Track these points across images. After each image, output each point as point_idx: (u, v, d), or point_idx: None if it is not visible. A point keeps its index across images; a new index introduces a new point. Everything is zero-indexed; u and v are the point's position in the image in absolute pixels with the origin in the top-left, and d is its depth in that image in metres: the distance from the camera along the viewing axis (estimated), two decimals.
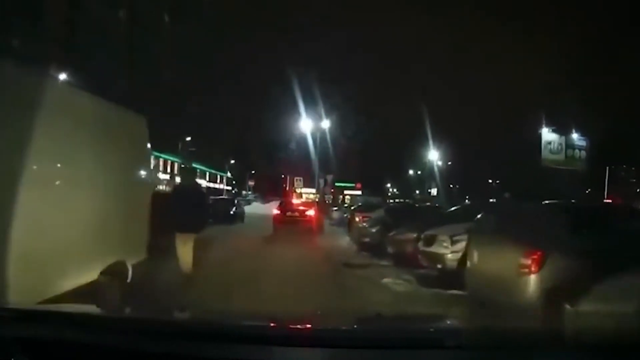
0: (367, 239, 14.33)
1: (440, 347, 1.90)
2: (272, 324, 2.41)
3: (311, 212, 20.97)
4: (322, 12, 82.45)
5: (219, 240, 15.41)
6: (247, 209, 42.49)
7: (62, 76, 33.74)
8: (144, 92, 50.34)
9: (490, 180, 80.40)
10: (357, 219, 18.97)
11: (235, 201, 31.31)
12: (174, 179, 68.36)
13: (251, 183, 65.75)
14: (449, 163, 71.18)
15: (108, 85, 43.31)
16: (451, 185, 76.58)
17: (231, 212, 27.03)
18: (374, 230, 14.02)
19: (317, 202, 32.45)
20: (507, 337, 2.11)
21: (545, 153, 55.26)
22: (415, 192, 79.69)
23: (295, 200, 25.79)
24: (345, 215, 26.13)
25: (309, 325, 2.37)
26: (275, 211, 21.48)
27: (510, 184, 61.82)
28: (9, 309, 2.45)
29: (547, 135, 55.62)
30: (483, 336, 2.08)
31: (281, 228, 20.00)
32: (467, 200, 48.64)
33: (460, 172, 70.84)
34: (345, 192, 63.83)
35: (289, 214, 20.85)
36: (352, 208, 26.82)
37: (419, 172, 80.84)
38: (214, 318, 2.65)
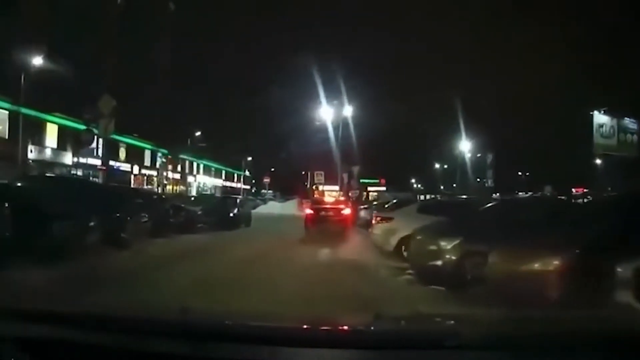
0: (437, 262, 8.08)
1: (440, 347, 1.85)
2: (270, 324, 2.26)
3: (347, 211, 19.46)
4: None
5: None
6: (262, 208, 38.41)
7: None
8: (152, 84, 46.29)
9: (519, 173, 77.21)
10: None
11: (238, 200, 25.17)
12: (185, 178, 64.16)
13: (267, 180, 60.20)
14: (479, 155, 67.21)
15: (113, 76, 40.11)
16: (479, 179, 74.02)
17: (231, 215, 21.23)
18: (448, 245, 7.93)
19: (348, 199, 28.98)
20: (507, 337, 2.00)
21: (596, 137, 50.02)
22: (440, 187, 76.95)
23: (327, 198, 24.47)
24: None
25: (307, 326, 2.24)
26: (308, 211, 19.82)
27: (545, 175, 59.27)
28: (9, 309, 2.32)
29: (599, 117, 50.38)
30: (483, 336, 1.97)
31: (314, 230, 18.16)
32: (496, 195, 43.42)
33: (491, 164, 67.13)
34: (369, 188, 59.21)
35: (322, 213, 19.07)
36: (386, 206, 21.15)
37: (445, 166, 78.80)
38: (214, 318, 2.48)
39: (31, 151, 34.90)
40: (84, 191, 11.88)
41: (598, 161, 54.05)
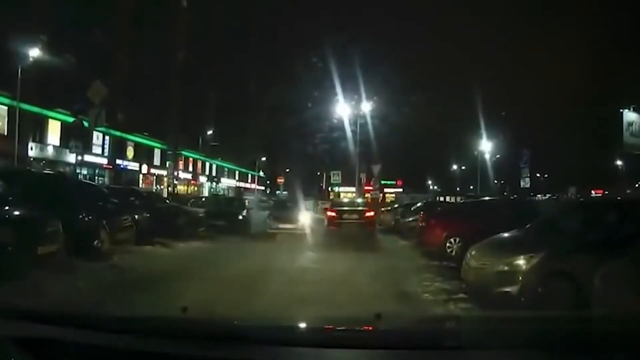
0: (508, 288, 5.45)
1: (440, 348, 1.86)
2: (271, 325, 2.32)
3: (371, 213, 18.21)
4: None
5: None
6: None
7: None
8: (163, 82, 44.56)
9: (537, 175, 75.18)
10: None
11: (247, 201, 22.58)
12: (197, 178, 62.36)
13: (280, 180, 58.04)
14: (497, 156, 65.47)
15: (122, 72, 38.45)
16: (496, 181, 71.31)
17: (240, 217, 19.06)
18: (524, 264, 5.48)
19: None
20: (507, 337, 1.99)
21: (626, 136, 47.61)
22: (456, 189, 73.90)
23: (346, 200, 23.24)
24: (407, 220, 18.16)
25: (308, 326, 2.23)
26: (330, 213, 18.67)
27: (564, 177, 58.15)
28: (9, 309, 2.33)
29: (628, 115, 48.02)
30: (483, 336, 1.99)
31: (337, 233, 17.22)
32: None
33: (509, 166, 65.52)
34: (385, 190, 57.43)
35: (345, 215, 18.08)
36: (413, 209, 19.23)
37: (463, 168, 76.73)
38: (215, 318, 2.56)
39: (32, 149, 33.29)
40: (38, 186, 9.50)
41: (619, 162, 52.65)
